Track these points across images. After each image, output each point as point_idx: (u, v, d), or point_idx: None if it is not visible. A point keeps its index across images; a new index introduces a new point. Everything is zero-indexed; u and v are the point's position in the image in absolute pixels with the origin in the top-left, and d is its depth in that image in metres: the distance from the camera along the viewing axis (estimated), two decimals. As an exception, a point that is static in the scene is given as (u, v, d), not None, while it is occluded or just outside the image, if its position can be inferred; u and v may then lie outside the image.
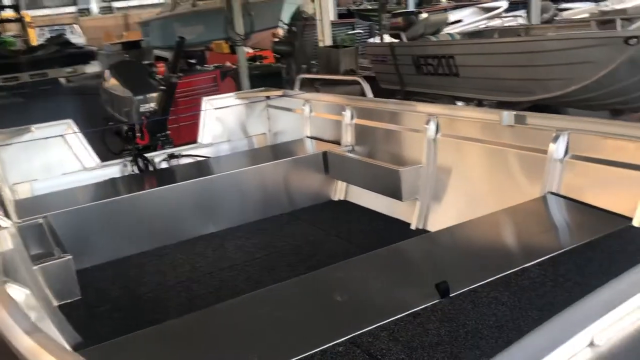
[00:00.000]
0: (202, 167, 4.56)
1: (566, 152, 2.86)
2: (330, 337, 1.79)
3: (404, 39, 8.32)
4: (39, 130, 4.49)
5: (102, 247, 3.71)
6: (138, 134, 4.51)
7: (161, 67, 9.93)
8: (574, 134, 2.84)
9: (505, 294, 1.94)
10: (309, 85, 10.38)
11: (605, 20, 6.75)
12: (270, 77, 8.92)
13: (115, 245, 3.74)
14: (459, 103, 7.82)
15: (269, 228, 4.00)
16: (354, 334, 1.79)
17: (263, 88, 5.56)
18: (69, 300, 2.97)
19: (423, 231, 3.66)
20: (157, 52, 15.92)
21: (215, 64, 10.50)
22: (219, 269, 3.46)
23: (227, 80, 9.29)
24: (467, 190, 3.51)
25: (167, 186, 3.96)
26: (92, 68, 20.77)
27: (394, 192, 3.66)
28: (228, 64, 10.38)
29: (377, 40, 17.69)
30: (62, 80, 18.45)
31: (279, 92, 5.23)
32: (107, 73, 4.85)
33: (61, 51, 17.90)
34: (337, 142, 4.51)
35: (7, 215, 3.36)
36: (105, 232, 3.73)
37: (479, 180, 3.43)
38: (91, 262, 3.63)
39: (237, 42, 8.39)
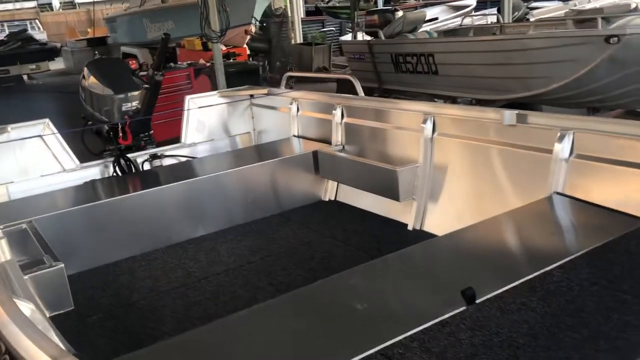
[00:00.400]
0: (187, 168, 4.43)
1: (571, 152, 2.84)
2: (359, 349, 1.70)
3: (382, 37, 8.28)
4: (15, 131, 4.30)
5: (89, 252, 3.56)
6: (120, 134, 4.35)
7: (133, 65, 9.74)
8: (578, 133, 2.82)
9: (533, 299, 1.88)
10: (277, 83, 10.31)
11: (582, 19, 6.83)
12: (246, 74, 8.77)
13: (102, 250, 3.59)
14: (438, 101, 7.83)
15: (261, 230, 3.90)
16: (384, 345, 1.71)
17: (247, 86, 5.45)
18: (61, 311, 2.83)
19: (421, 232, 3.60)
20: (124, 49, 15.57)
21: (188, 62, 10.33)
22: (214, 274, 3.34)
23: (201, 79, 9.14)
24: (466, 191, 3.47)
25: (153, 189, 3.81)
26: (56, 65, 20.32)
27: (390, 192, 3.60)
28: (202, 61, 10.21)
29: (348, 38, 17.80)
30: (24, 77, 17.94)
31: (264, 91, 5.13)
32: (86, 70, 4.65)
33: (24, 47, 17.37)
34: (326, 141, 4.42)
35: (-14, 221, 3.20)
36: (91, 237, 3.57)
37: (479, 181, 3.39)
38: (78, 268, 3.48)
39: (212, 38, 8.21)
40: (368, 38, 9.35)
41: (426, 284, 2.16)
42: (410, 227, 3.65)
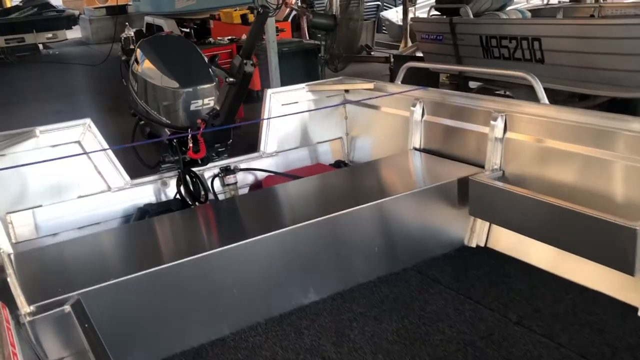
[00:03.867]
0: (284, 198, 3.16)
1: None
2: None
3: (470, 15, 6.95)
4: (45, 135, 3.11)
5: (155, 338, 2.37)
6: (190, 144, 3.12)
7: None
8: None
9: None
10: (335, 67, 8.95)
11: None
12: (301, 55, 7.49)
13: (174, 333, 2.40)
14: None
15: (398, 297, 2.68)
16: None
17: (341, 77, 4.19)
18: None
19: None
20: (148, 19, 14.20)
21: (230, 37, 9.05)
22: None
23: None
24: None
25: (247, 241, 2.55)
26: (73, 34, 19.02)
27: (617, 259, 2.36)
28: (245, 36, 8.93)
29: (388, 14, 16.35)
30: (40, 46, 16.67)
31: (368, 85, 3.87)
32: (138, 52, 3.42)
33: (40, 14, 16.06)
34: (469, 161, 3.20)
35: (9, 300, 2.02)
36: (158, 315, 2.37)
37: None
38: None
39: (269, 11, 6.91)
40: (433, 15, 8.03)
41: None
42: (641, 313, 2.43)
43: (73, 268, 2.45)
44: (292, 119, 3.88)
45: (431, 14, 7.83)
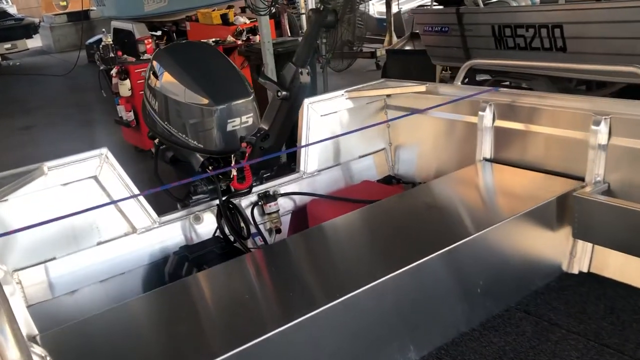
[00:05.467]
0: (352, 235, 2.58)
1: None
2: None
3: (480, 4, 6.51)
4: (55, 172, 2.53)
5: None
6: (233, 173, 2.56)
7: (148, 44, 7.84)
8: None
9: None
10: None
11: None
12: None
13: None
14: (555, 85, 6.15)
15: (516, 349, 2.18)
16: None
17: (381, 80, 3.67)
18: None
19: None
20: (116, 24, 13.39)
21: (214, 39, 8.44)
22: None
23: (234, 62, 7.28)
24: None
25: (328, 306, 1.96)
26: (35, 43, 18.08)
27: None
28: (231, 38, 8.35)
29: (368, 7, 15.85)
30: (-1, 58, 15.74)
31: (420, 88, 3.36)
32: (155, 64, 2.86)
33: (-3, 23, 15.18)
34: (559, 173, 2.73)
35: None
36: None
37: None
38: None
39: (260, 10, 6.36)
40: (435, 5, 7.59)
41: None
42: None
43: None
44: (331, 131, 3.36)
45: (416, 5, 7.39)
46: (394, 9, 12.12)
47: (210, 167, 2.77)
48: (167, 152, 3.06)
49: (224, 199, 2.76)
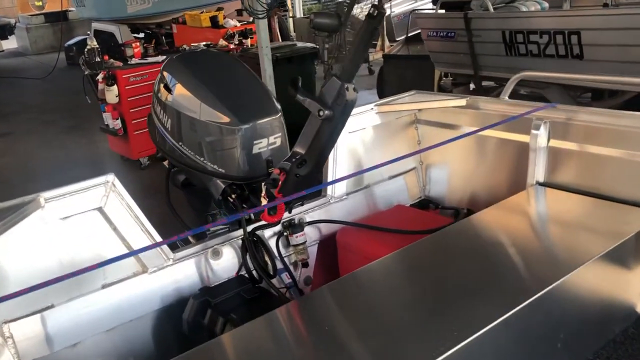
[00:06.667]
0: (401, 283, 2.17)
1: None
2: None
3: (490, 8, 6.21)
4: (53, 204, 2.14)
5: None
6: (264, 202, 2.19)
7: (136, 48, 7.41)
8: None
9: None
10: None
11: None
12: (297, 61, 6.59)
13: None
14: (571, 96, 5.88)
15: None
16: None
17: (413, 92, 3.32)
18: None
19: None
20: (97, 25, 12.86)
21: (205, 42, 8.05)
22: None
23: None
24: None
25: None
26: (10, 44, 17.45)
27: None
28: (223, 42, 7.95)
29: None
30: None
31: (459, 102, 3.02)
32: (166, 75, 2.49)
33: (-29, 24, 14.57)
34: (627, 201, 2.41)
35: None
36: None
37: None
38: None
39: (258, 13, 6.00)
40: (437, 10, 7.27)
41: None
42: None
43: None
44: (360, 150, 3.02)
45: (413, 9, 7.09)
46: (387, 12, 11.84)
47: (233, 195, 2.39)
48: (178, 175, 2.68)
49: (249, 230, 2.39)
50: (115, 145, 7.22)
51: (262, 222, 2.47)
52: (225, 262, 2.50)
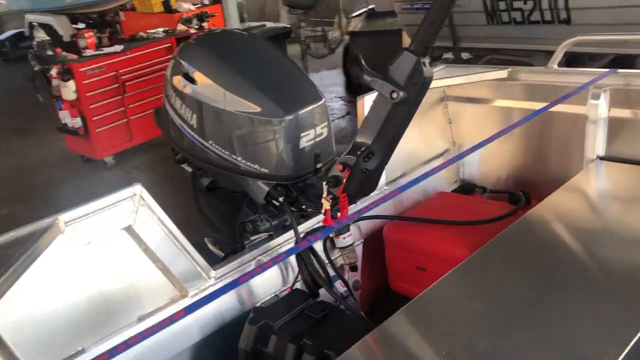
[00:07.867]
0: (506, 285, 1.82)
1: None
2: None
3: (468, -24, 5.98)
4: (75, 227, 1.74)
5: None
6: (325, 204, 1.85)
7: (89, 38, 6.83)
8: None
9: None
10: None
11: None
12: (272, 41, 6.19)
13: None
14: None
15: None
16: None
17: (442, 66, 3.01)
18: None
19: None
20: (31, 17, 11.93)
21: (164, 29, 7.50)
22: None
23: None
24: None
25: None
26: None
27: None
28: (182, 27, 7.44)
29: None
30: None
31: (501, 74, 2.74)
32: (183, 63, 2.10)
33: None
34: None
35: None
36: None
37: None
38: None
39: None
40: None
41: None
42: None
43: None
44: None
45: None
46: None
47: (280, 198, 2.05)
48: (202, 179, 2.31)
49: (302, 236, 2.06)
50: (75, 145, 6.66)
51: (313, 227, 2.14)
52: (273, 275, 2.16)
